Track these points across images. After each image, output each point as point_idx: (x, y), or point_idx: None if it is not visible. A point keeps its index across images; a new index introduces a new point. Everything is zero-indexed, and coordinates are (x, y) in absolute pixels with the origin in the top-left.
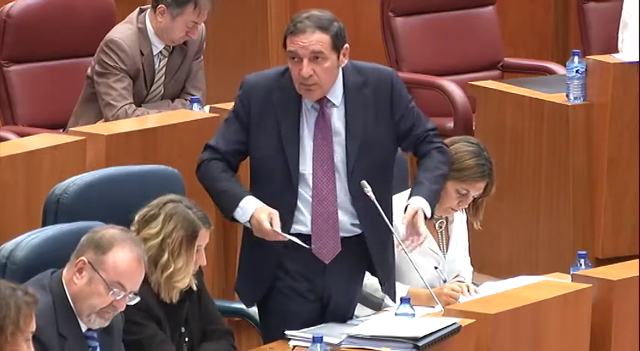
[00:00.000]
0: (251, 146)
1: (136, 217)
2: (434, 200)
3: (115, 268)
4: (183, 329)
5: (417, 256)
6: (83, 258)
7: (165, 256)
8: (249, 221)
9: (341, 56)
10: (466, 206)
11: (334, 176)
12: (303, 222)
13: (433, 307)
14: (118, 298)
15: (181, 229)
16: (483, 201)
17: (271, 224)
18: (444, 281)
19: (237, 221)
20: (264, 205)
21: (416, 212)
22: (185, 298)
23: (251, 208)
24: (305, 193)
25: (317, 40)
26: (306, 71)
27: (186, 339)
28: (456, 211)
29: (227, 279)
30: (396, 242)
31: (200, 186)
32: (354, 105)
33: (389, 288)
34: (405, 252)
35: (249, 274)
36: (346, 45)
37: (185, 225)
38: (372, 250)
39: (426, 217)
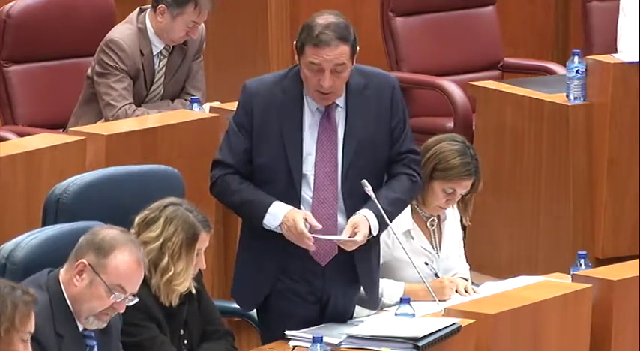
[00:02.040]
0: (254, 152)
1: (136, 220)
2: (382, 220)
3: (116, 271)
4: (182, 331)
5: (408, 253)
6: (84, 260)
7: (165, 259)
8: (280, 225)
9: (353, 61)
10: (454, 204)
11: (336, 179)
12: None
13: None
14: (118, 300)
15: (182, 233)
16: (472, 197)
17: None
18: (436, 275)
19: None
20: (294, 208)
21: (364, 218)
22: (184, 300)
23: (281, 213)
24: (306, 194)
25: (341, 52)
26: (329, 82)
27: (185, 341)
28: (445, 209)
29: (227, 279)
30: (396, 242)
31: (200, 186)
32: (356, 106)
33: (371, 292)
34: (401, 245)
35: (248, 277)
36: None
37: (185, 228)
38: (355, 254)
39: (371, 232)
